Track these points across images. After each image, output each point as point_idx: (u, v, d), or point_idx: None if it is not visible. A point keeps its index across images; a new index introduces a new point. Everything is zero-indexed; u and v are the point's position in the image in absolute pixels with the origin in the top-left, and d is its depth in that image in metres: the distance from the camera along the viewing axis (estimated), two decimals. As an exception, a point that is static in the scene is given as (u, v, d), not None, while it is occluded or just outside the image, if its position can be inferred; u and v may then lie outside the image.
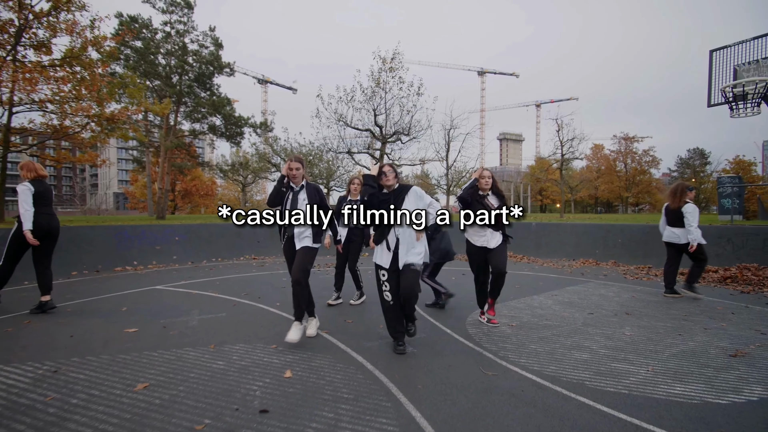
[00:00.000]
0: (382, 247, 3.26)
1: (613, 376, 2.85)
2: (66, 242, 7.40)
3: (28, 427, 2.14)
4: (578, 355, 3.29)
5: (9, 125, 9.90)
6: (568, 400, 2.49)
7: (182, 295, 5.50)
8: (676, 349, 3.43)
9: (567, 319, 4.37)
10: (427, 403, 2.44)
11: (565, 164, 25.89)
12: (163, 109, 13.26)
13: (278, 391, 2.56)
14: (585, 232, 10.02)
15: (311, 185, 3.55)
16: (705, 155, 50.58)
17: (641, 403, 2.46)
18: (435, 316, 4.50)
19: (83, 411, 2.31)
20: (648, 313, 4.68)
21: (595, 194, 52.18)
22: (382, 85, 16.95)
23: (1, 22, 9.87)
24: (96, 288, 5.95)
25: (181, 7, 17.48)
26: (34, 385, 2.64)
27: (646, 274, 7.44)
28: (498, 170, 79.05)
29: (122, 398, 2.47)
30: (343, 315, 4.55)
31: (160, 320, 4.22)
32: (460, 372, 2.93)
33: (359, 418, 2.25)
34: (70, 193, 76.59)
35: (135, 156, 31.72)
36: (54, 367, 2.94)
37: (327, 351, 3.35)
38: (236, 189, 42.36)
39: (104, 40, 10.31)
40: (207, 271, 7.65)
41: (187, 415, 2.26)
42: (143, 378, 2.76)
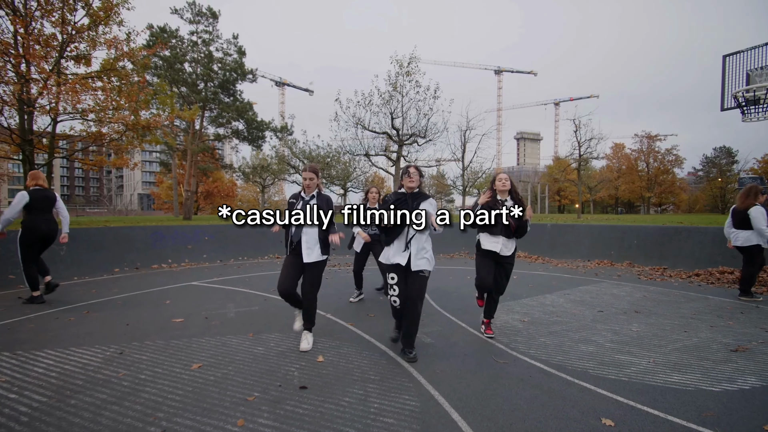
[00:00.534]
0: (394, 248, 3.24)
1: (616, 366, 3.12)
2: (109, 241, 8.03)
3: (110, 396, 2.57)
4: (585, 347, 3.56)
5: (54, 133, 10.69)
6: (572, 384, 2.78)
7: (217, 291, 5.97)
8: (680, 344, 3.65)
9: (577, 316, 4.62)
10: (444, 384, 2.77)
11: (584, 164, 25.67)
12: (192, 114, 13.95)
13: (313, 372, 2.94)
14: (600, 233, 10.12)
15: (323, 195, 3.53)
16: (732, 154, 49.06)
17: (639, 389, 2.72)
18: (451, 311, 4.81)
19: (152, 384, 2.74)
20: (657, 311, 4.88)
21: (616, 194, 51.23)
22: (399, 89, 17.30)
23: (45, 36, 10.68)
24: (138, 283, 6.50)
25: (206, 17, 18.29)
26: (106, 364, 3.09)
27: (660, 275, 7.55)
28: (515, 170, 78.28)
29: (182, 375, 2.89)
30: (366, 310, 4.92)
31: (202, 312, 4.68)
32: (474, 360, 3.24)
33: (385, 395, 2.60)
34: (97, 194, 79.78)
35: (161, 159, 33.01)
36: (119, 350, 3.40)
37: (353, 341, 3.72)
38: (255, 190, 43.51)
39: (140, 52, 11.00)
40: (236, 269, 8.14)
41: (238, 389, 2.66)
42: (196, 359, 3.18)
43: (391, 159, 19.90)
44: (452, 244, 11.37)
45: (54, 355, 3.28)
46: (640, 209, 52.54)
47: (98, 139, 11.12)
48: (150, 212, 56.12)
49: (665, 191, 48.33)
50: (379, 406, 2.46)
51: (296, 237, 3.41)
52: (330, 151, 25.23)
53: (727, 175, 47.39)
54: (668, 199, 50.60)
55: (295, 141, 25.91)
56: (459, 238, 11.23)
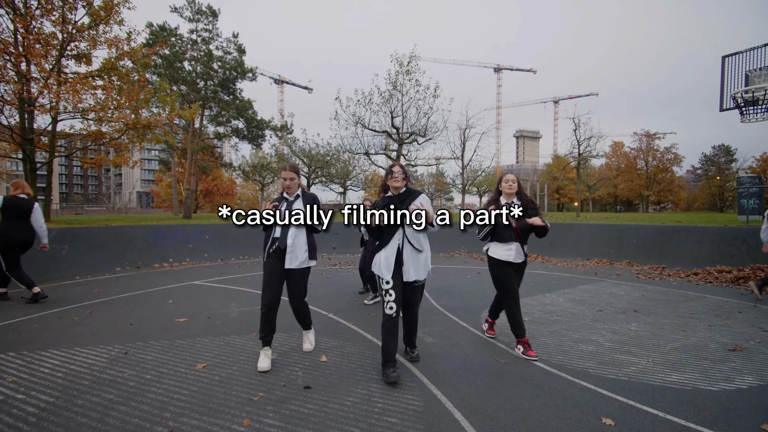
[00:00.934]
0: (385, 255, 2.95)
1: (615, 366, 3.16)
2: (110, 241, 8.06)
3: (116, 396, 2.61)
4: (584, 347, 3.60)
5: (54, 132, 10.70)
6: (572, 384, 2.82)
7: (219, 290, 6.00)
8: (678, 344, 3.69)
9: (576, 316, 4.66)
10: (446, 384, 2.81)
11: (583, 163, 25.69)
12: (192, 113, 13.96)
13: (317, 372, 2.98)
14: (600, 232, 10.17)
15: (308, 194, 3.26)
16: (731, 152, 49.12)
17: (638, 388, 2.76)
18: (452, 310, 4.85)
19: (158, 384, 2.77)
20: (656, 310, 4.92)
21: (615, 193, 51.30)
22: (399, 88, 17.30)
23: (45, 35, 10.66)
24: (140, 283, 6.52)
25: (206, 15, 18.26)
26: (111, 364, 3.12)
27: (659, 274, 7.60)
28: (514, 168, 78.33)
29: (187, 375, 2.92)
30: (368, 309, 4.95)
31: (204, 312, 4.71)
32: (475, 359, 3.28)
33: (389, 395, 2.64)
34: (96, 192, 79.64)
35: (160, 157, 33.00)
36: (124, 350, 3.43)
37: (356, 340, 3.76)
38: (255, 189, 43.52)
39: (140, 51, 11.00)
40: (237, 268, 8.17)
41: (244, 389, 2.70)
42: (201, 359, 3.21)
43: (391, 158, 19.92)
44: (452, 243, 11.41)
45: (59, 355, 3.31)
46: (639, 207, 52.65)
47: (99, 138, 11.13)
48: (149, 210, 56.10)
49: (664, 189, 48.42)
50: (382, 405, 2.49)
51: (283, 243, 3.07)
52: (330, 150, 25.25)
53: (726, 173, 47.47)
54: (667, 198, 50.70)
55: (294, 139, 25.93)
56: (458, 238, 11.28)
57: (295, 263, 3.09)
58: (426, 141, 18.82)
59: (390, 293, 2.91)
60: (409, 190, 3.03)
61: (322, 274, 7.47)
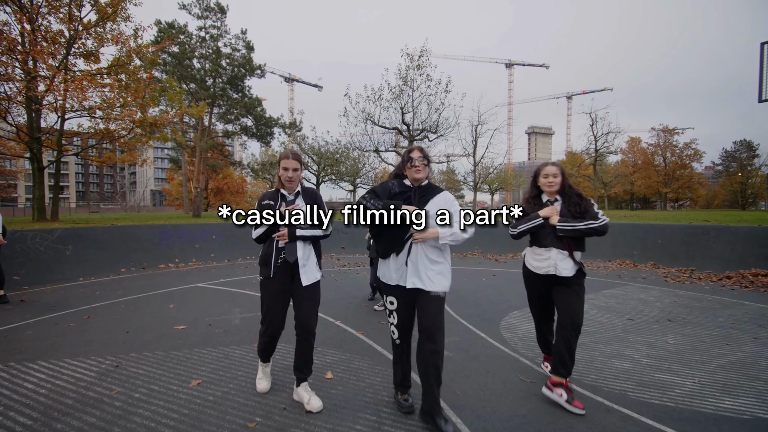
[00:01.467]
0: (392, 263, 2.32)
1: (657, 388, 2.79)
2: (115, 241, 7.90)
3: (98, 419, 2.35)
4: (619, 364, 3.23)
5: (62, 130, 10.63)
6: (611, 411, 2.47)
7: (223, 294, 5.76)
8: (724, 360, 3.30)
9: (605, 326, 4.28)
10: (467, 409, 2.48)
11: (600, 159, 24.98)
12: (199, 111, 13.82)
13: (322, 392, 2.67)
14: (622, 232, 9.68)
15: (308, 190, 2.69)
16: (753, 147, 47.41)
17: (688, 416, 2.40)
18: (468, 318, 4.51)
19: (146, 405, 2.50)
20: (692, 320, 4.51)
21: (631, 190, 50.00)
22: (409, 83, 16.92)
23: (52, 33, 10.58)
24: (144, 285, 6.33)
25: (215, 12, 18.10)
26: (100, 379, 2.88)
27: (688, 277, 7.13)
28: (526, 165, 77.14)
29: (179, 394, 2.65)
30: (377, 317, 4.64)
31: (206, 318, 4.46)
32: (497, 378, 2.95)
33: (401, 422, 2.32)
34: (111, 191, 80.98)
35: (171, 156, 33.16)
36: (116, 362, 3.19)
37: (365, 353, 3.45)
38: (265, 187, 43.53)
39: (147, 48, 10.85)
40: (243, 269, 7.95)
41: (239, 413, 2.41)
42: (196, 375, 2.95)
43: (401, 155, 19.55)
44: (464, 243, 11.03)
45: (47, 367, 3.08)
46: (656, 205, 51.25)
47: (106, 136, 11.03)
48: (161, 208, 56.76)
49: (682, 186, 46.95)
50: (394, 436, 2.18)
51: (292, 256, 2.48)
52: (339, 147, 24.99)
53: (748, 169, 45.84)
54: (685, 195, 49.19)
55: (304, 137, 25.73)
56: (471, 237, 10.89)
57: (311, 279, 2.54)
58: (437, 138, 18.41)
59: (394, 315, 2.36)
60: (431, 185, 2.42)
61: (330, 276, 7.19)
